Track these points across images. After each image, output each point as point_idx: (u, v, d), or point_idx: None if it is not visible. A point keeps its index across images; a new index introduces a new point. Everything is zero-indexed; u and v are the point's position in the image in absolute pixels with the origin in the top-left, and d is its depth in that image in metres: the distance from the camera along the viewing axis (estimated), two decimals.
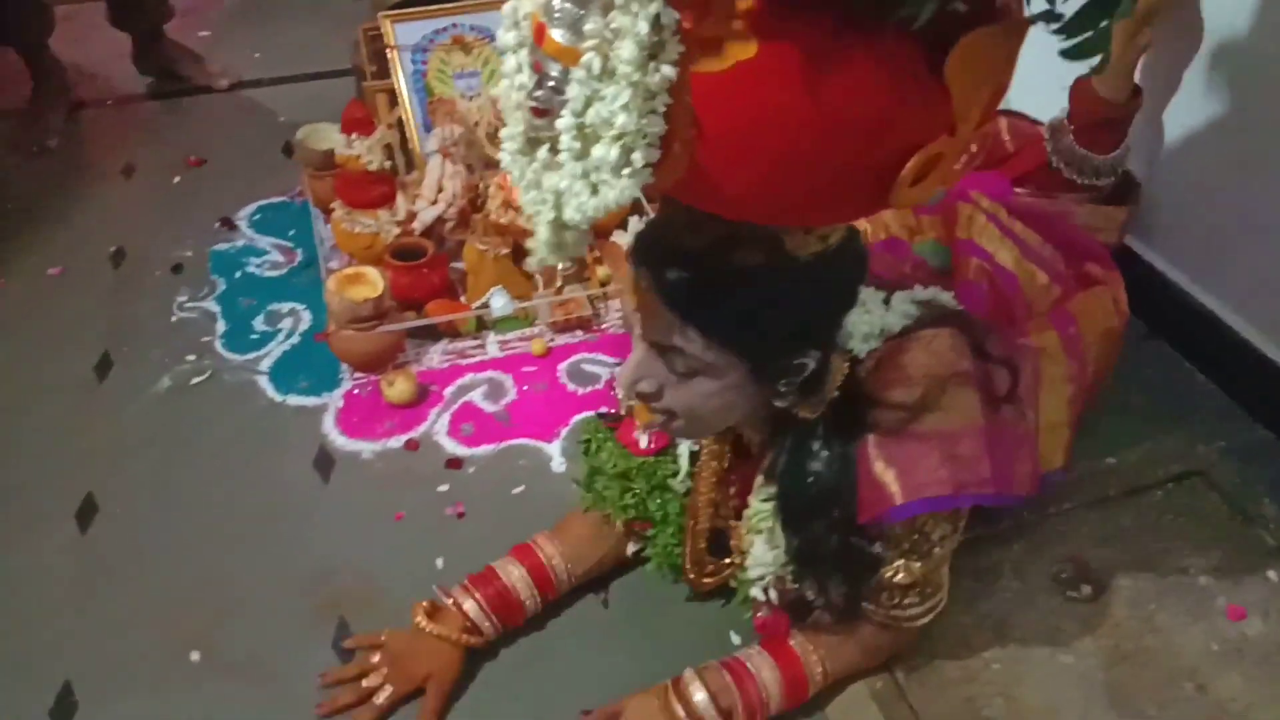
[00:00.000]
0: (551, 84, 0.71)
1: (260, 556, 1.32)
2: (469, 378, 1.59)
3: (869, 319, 0.97)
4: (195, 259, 1.84)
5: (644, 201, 1.83)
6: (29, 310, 1.75)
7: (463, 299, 1.72)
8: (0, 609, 1.27)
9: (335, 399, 1.55)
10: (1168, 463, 1.37)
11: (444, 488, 1.41)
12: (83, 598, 1.28)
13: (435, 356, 1.63)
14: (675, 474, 1.18)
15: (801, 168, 0.74)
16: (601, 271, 1.75)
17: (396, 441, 1.48)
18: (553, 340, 1.67)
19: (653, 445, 1.18)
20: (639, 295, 0.92)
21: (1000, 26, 0.72)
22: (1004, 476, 1.01)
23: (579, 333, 1.68)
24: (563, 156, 0.72)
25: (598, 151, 0.70)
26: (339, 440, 1.49)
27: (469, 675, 1.18)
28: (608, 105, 0.68)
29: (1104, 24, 0.70)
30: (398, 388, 1.52)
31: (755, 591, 1.11)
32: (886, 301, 1.01)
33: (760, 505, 1.07)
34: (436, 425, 1.51)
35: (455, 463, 1.45)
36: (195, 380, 1.59)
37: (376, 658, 1.17)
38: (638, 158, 0.70)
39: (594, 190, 0.72)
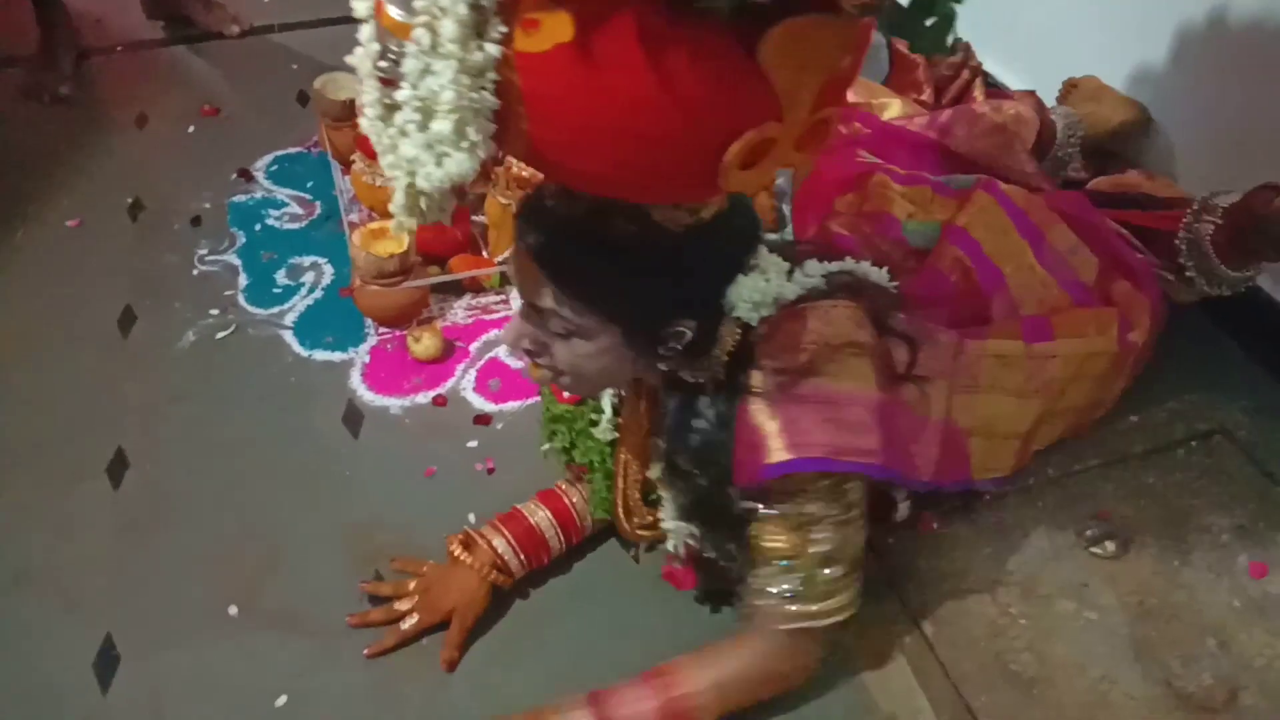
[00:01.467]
0: (392, 56, 0.73)
1: (294, 511, 1.34)
2: (494, 333, 1.60)
3: (762, 287, 0.96)
4: (214, 211, 1.83)
5: None
6: (49, 263, 1.74)
7: (485, 254, 1.72)
8: (39, 563, 1.28)
9: (361, 354, 1.56)
10: (1191, 421, 1.38)
11: (473, 443, 1.43)
12: (119, 553, 1.30)
13: (459, 312, 1.63)
14: (597, 423, 1.20)
15: (623, 148, 0.76)
16: None
17: (424, 397, 1.49)
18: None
19: (572, 396, 1.20)
20: (516, 255, 0.94)
21: (818, 16, 0.71)
22: (898, 454, 1.03)
23: None
24: (408, 128, 0.74)
25: (436, 125, 0.73)
26: (367, 396, 1.50)
27: (502, 618, 1.22)
28: (437, 79, 0.71)
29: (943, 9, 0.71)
30: (424, 344, 1.53)
31: (669, 546, 1.15)
32: (791, 271, 1.00)
33: (658, 463, 1.11)
34: (464, 381, 1.52)
35: (484, 419, 1.46)
36: (220, 335, 1.59)
37: (413, 585, 1.22)
38: (472, 132, 0.72)
39: (439, 161, 0.74)
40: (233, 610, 1.23)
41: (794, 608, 1.03)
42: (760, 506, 1.02)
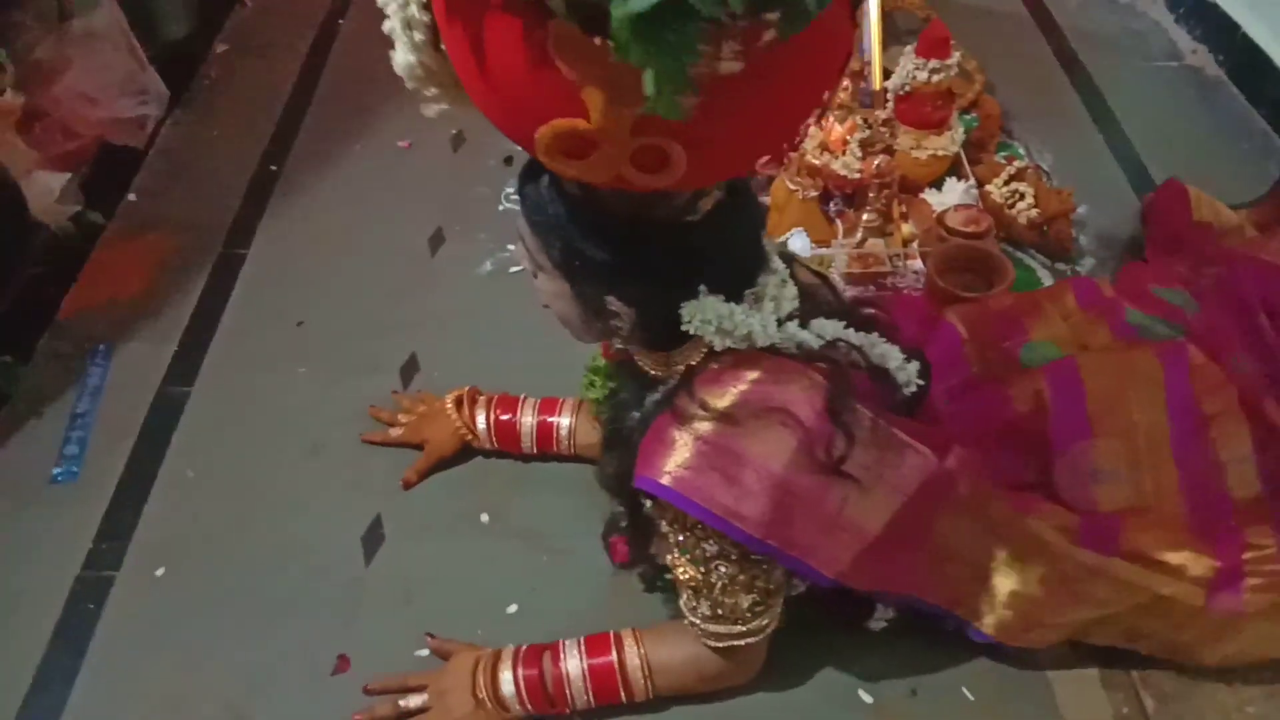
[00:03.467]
0: None
1: None
2: None
3: (730, 315, 0.94)
4: (524, 154, 1.95)
5: (969, 166, 1.80)
6: (379, 176, 1.94)
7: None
8: (333, 438, 1.46)
9: None
10: None
11: None
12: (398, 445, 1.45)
13: None
14: None
15: (476, 89, 0.81)
16: (906, 228, 1.73)
17: None
18: (845, 290, 1.68)
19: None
20: None
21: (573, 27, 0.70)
22: (790, 537, 0.97)
23: (871, 287, 1.69)
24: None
25: (393, 16, 0.83)
26: None
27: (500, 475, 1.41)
28: None
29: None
30: None
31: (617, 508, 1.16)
32: (791, 319, 0.98)
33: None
34: None
35: None
36: (513, 269, 1.72)
37: (422, 408, 1.43)
38: (403, 34, 0.83)
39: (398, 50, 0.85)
40: (484, 518, 1.36)
41: (715, 628, 1.05)
42: (662, 522, 1.02)
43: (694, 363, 0.99)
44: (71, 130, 1.76)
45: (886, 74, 1.84)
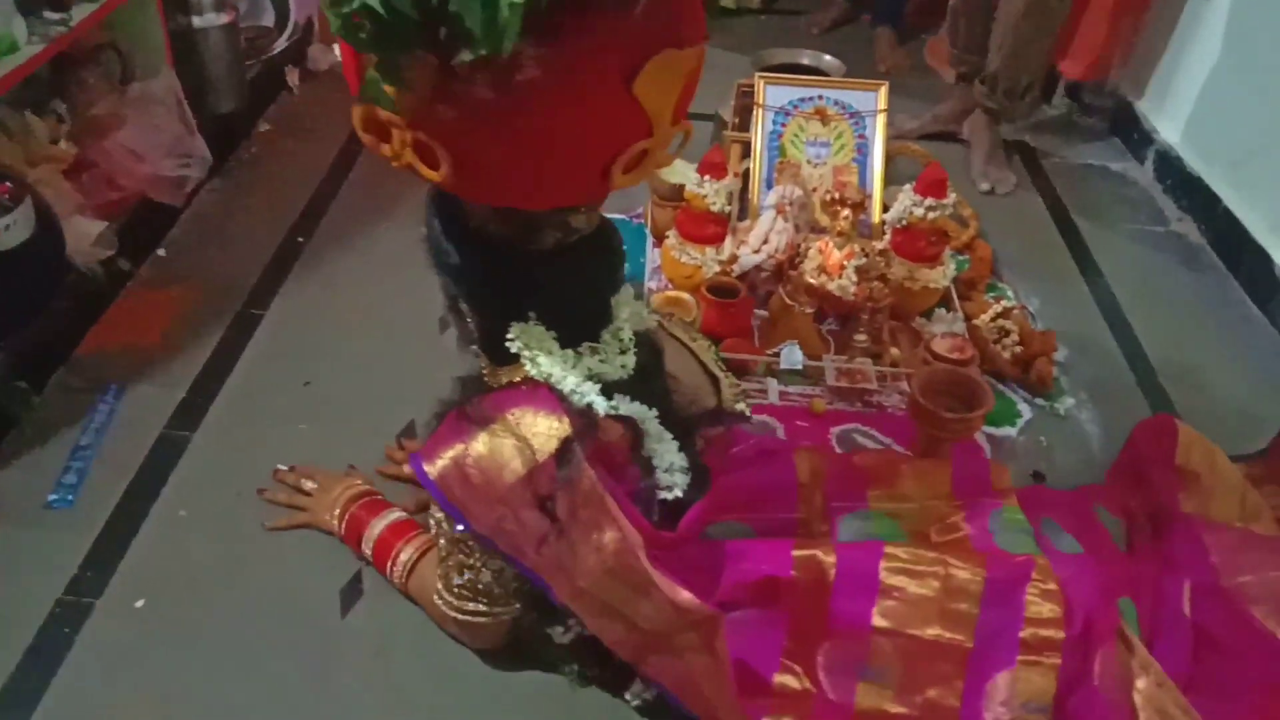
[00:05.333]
0: None
1: None
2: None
3: (556, 361, 1.07)
4: None
5: (958, 301, 1.89)
6: (399, 258, 1.99)
7: (755, 343, 1.84)
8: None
9: None
10: None
11: None
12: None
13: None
14: None
15: None
16: (895, 352, 1.81)
17: None
18: (831, 404, 1.75)
19: None
20: None
21: None
22: (515, 545, 1.07)
23: (858, 403, 1.75)
24: None
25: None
26: None
27: None
28: None
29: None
30: None
31: None
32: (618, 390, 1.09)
33: None
34: None
35: None
36: None
37: None
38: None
39: None
40: None
41: (447, 596, 1.19)
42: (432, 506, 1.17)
43: (516, 380, 1.10)
44: (116, 182, 1.86)
45: (886, 209, 1.96)
